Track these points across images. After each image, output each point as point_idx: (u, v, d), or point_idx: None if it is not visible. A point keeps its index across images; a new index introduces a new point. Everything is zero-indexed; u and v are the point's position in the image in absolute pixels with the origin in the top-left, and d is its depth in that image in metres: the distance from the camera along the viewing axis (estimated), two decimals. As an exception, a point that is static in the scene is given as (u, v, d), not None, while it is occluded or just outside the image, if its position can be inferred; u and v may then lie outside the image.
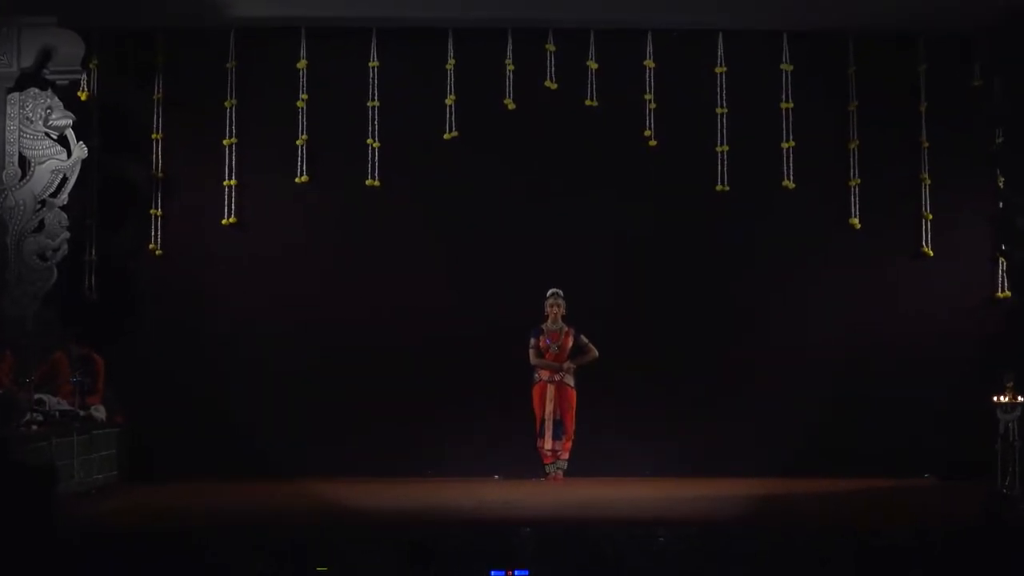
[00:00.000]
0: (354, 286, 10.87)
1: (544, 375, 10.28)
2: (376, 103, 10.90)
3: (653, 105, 10.92)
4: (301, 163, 10.87)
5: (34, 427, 8.88)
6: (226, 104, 10.89)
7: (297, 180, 10.87)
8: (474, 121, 10.86)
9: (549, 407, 10.21)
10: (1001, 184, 10.94)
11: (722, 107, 10.96)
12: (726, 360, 10.82)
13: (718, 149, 10.94)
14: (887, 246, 11.04)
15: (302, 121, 10.89)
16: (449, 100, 10.86)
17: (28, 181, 10.36)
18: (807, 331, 10.89)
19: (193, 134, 10.98)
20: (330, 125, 10.92)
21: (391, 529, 7.43)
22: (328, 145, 10.92)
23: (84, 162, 10.52)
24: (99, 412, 9.77)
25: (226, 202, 10.87)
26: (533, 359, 10.33)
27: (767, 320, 10.89)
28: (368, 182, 10.88)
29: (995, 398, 9.01)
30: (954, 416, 10.28)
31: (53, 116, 10.37)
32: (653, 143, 10.90)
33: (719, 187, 10.92)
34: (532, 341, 10.34)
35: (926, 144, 10.98)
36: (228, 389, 10.61)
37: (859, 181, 10.98)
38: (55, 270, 10.38)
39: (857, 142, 10.99)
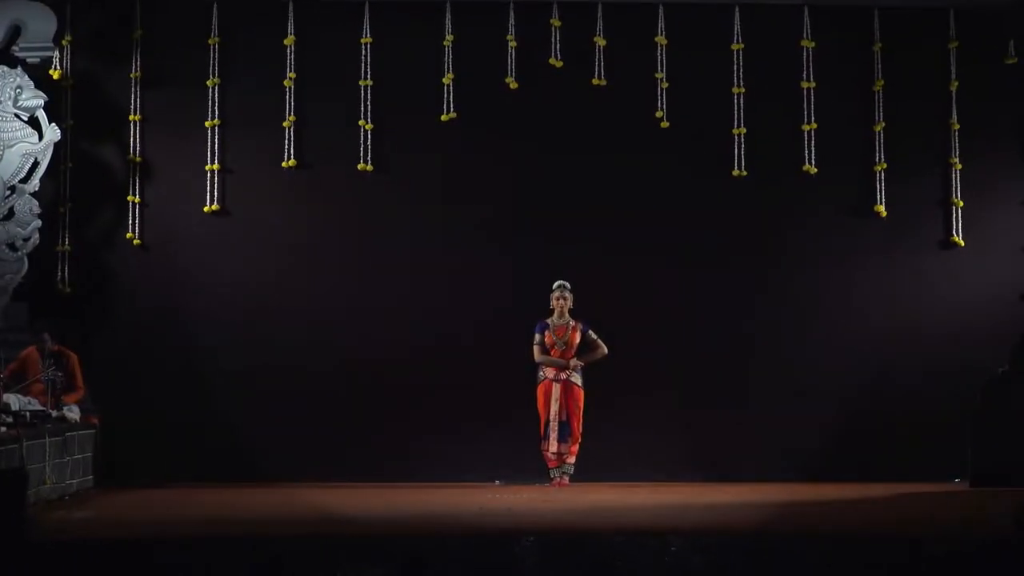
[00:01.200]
0: (345, 278, 10.83)
1: (549, 373, 10.24)
2: (369, 82, 10.85)
3: (665, 84, 10.87)
4: (288, 146, 10.83)
5: (3, 428, 8.83)
6: (208, 83, 10.84)
7: (284, 164, 10.83)
8: (474, 101, 10.81)
9: (555, 407, 10.16)
10: (1037, 169, 10.94)
11: (739, 87, 10.90)
12: (743, 357, 10.79)
13: (735, 132, 10.89)
14: (914, 235, 11.00)
15: (290, 101, 10.84)
16: (447, 79, 10.81)
17: (-4, 166, 10.33)
18: (829, 326, 10.85)
19: (173, 115, 10.93)
20: (320, 106, 10.87)
21: (384, 538, 7.40)
22: (317, 127, 10.88)
23: (57, 145, 10.50)
24: (73, 412, 9.74)
25: (208, 188, 10.83)
26: (538, 356, 10.28)
27: (787, 315, 10.86)
28: (360, 166, 10.83)
29: (1031, 398, 9.00)
30: (986, 417, 10.22)
31: (23, 96, 10.33)
32: (665, 125, 10.85)
33: (736, 172, 10.87)
34: (537, 336, 10.29)
35: (956, 126, 10.94)
36: (212, 388, 10.59)
37: (885, 166, 10.93)
38: (26, 261, 10.37)
39: (883, 124, 10.94)
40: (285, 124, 10.82)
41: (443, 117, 10.79)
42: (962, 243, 10.94)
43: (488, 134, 10.91)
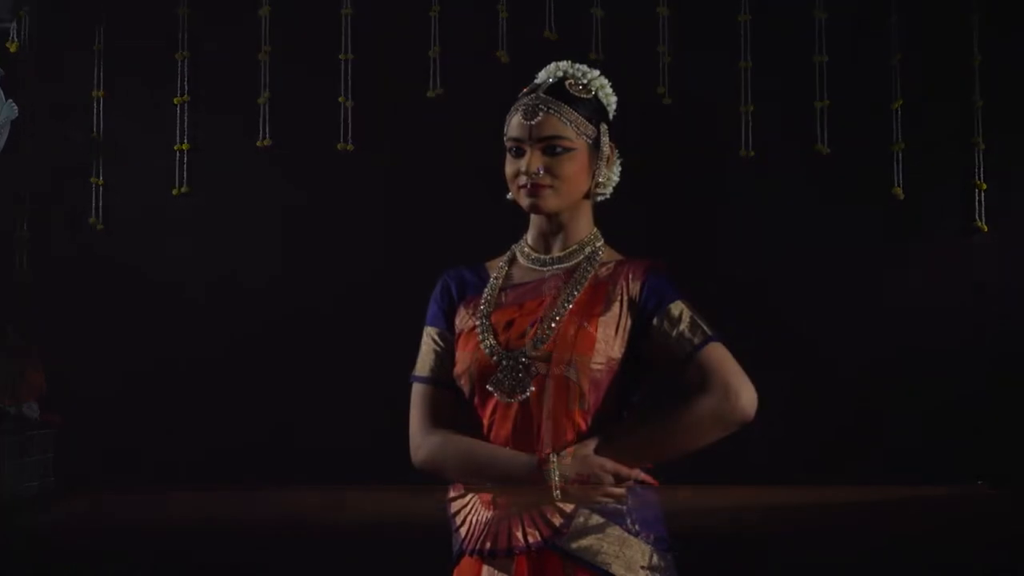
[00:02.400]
0: (324, 264, 10.85)
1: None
2: (349, 56, 10.87)
3: (668, 58, 10.87)
4: (263, 124, 10.84)
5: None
6: (177, 57, 10.85)
7: (258, 144, 10.84)
8: (462, 76, 10.82)
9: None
10: (1066, 148, 10.98)
11: (747, 61, 10.92)
12: (747, 349, 10.70)
13: (742, 109, 10.91)
14: (935, 219, 11.02)
15: (264, 76, 10.84)
16: (433, 52, 10.82)
17: (-50, 145, 10.34)
18: (842, 315, 10.87)
19: (139, 91, 10.95)
20: (296, 81, 10.88)
21: (374, 542, 7.45)
22: (294, 104, 10.87)
23: (15, 123, 10.50)
24: (32, 410, 9.78)
25: (177, 169, 10.86)
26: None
27: (796, 303, 10.87)
28: (340, 146, 10.85)
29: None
30: (1011, 414, 10.30)
31: (-23, 71, 10.36)
32: (668, 101, 10.88)
33: (743, 152, 10.90)
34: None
35: (980, 103, 10.95)
36: (182, 383, 10.60)
37: (903, 146, 10.95)
38: (-18, 247, 10.41)
39: (901, 101, 10.95)
40: (260, 101, 10.83)
41: (429, 93, 10.81)
42: (985, 228, 10.96)
43: (477, 111, 10.83)
